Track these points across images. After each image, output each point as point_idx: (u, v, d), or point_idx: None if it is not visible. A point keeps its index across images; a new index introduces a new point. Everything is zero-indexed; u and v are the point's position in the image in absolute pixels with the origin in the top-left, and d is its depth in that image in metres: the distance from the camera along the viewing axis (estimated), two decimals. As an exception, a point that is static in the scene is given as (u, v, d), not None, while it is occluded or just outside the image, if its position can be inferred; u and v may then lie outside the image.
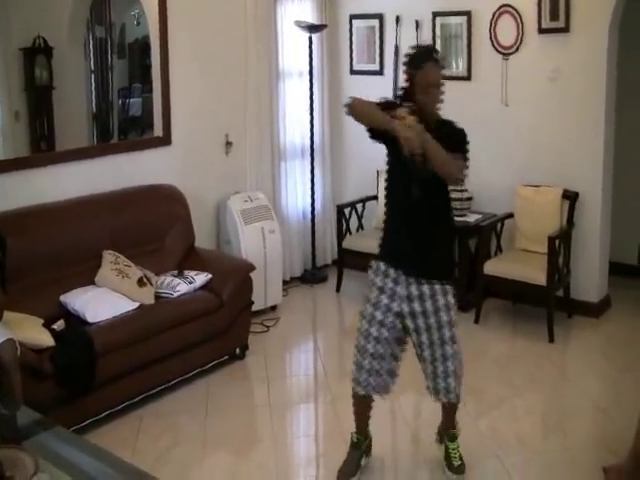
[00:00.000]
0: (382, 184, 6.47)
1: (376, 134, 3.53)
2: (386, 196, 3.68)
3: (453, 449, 3.84)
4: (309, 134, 6.59)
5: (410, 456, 4.12)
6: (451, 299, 3.58)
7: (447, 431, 3.87)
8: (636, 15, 6.00)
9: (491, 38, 5.96)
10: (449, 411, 3.81)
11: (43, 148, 5.28)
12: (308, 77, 6.51)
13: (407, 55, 3.55)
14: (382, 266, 3.64)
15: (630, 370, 4.89)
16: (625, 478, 3.63)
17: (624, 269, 6.41)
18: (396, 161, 3.52)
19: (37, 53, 5.16)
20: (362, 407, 3.83)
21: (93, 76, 5.59)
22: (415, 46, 3.62)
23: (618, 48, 5.60)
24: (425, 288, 3.53)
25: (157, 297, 4.74)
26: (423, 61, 3.44)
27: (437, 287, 3.54)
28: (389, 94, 6.52)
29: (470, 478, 3.83)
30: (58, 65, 5.24)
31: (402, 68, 3.56)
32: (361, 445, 3.88)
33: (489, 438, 4.17)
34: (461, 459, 3.83)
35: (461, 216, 5.93)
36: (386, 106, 3.49)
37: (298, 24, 6.33)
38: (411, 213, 3.54)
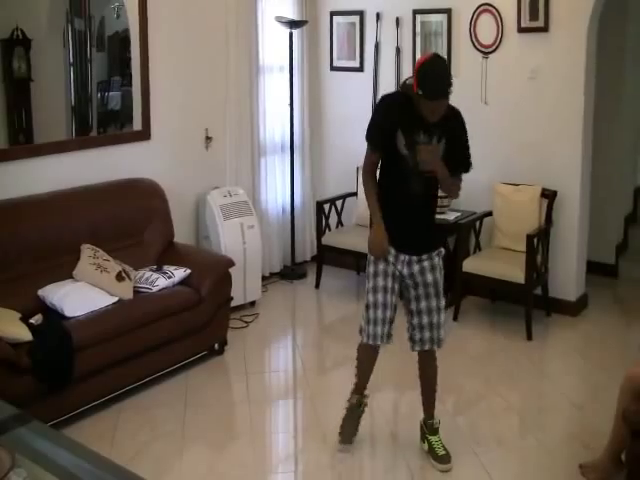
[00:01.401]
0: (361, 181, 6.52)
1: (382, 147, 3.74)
2: (383, 186, 3.81)
3: (436, 441, 3.95)
4: (289, 130, 6.58)
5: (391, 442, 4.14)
6: (441, 261, 3.86)
7: (427, 423, 4.00)
8: (614, 15, 6.06)
9: (471, 36, 5.98)
10: (430, 367, 3.98)
11: (21, 141, 5.21)
12: (288, 72, 6.50)
13: (424, 72, 3.46)
14: (380, 264, 3.80)
15: (606, 368, 4.93)
16: (601, 474, 3.67)
17: (601, 268, 6.47)
18: (395, 161, 3.68)
19: (15, 45, 5.09)
20: (368, 359, 3.99)
21: (72, 69, 5.53)
22: (434, 64, 3.53)
23: (597, 47, 5.64)
24: (424, 257, 3.80)
25: (136, 292, 4.71)
26: (437, 95, 3.44)
27: (433, 253, 3.82)
28: (369, 91, 6.56)
29: (447, 475, 3.85)
30: (37, 57, 5.18)
31: (413, 77, 3.52)
32: (360, 405, 4.05)
33: (467, 435, 4.19)
34: (445, 449, 3.92)
35: (440, 214, 5.93)
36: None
37: (279, 19, 6.32)
38: (410, 202, 3.72)
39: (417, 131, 3.58)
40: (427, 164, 3.56)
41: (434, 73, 3.48)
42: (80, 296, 4.44)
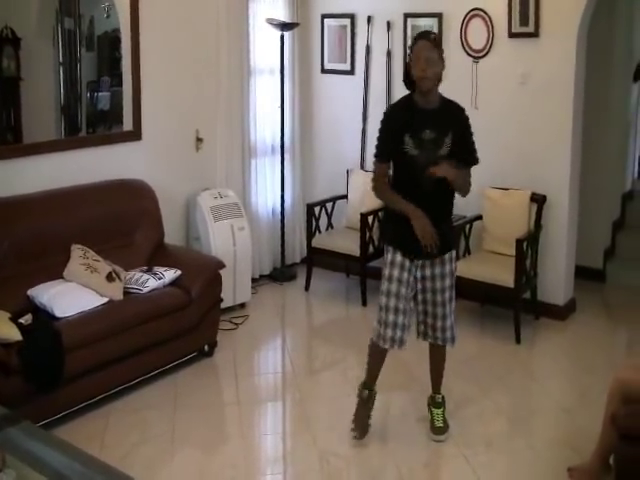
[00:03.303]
0: (352, 184, 6.55)
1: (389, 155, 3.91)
2: (394, 187, 3.92)
3: (437, 414, 4.18)
4: (279, 132, 6.58)
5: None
6: (454, 265, 4.02)
7: (433, 396, 4.22)
8: (603, 21, 6.10)
9: (462, 41, 6.00)
10: (439, 356, 4.21)
11: (10, 140, 5.20)
12: (279, 75, 6.50)
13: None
14: (398, 255, 3.92)
15: (594, 372, 4.96)
16: (590, 477, 3.69)
17: (589, 273, 6.49)
18: (406, 165, 3.84)
19: (4, 43, 5.08)
20: (379, 359, 4.09)
21: (62, 68, 5.52)
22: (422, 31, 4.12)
23: (586, 53, 5.67)
24: (437, 261, 3.93)
25: (126, 292, 4.70)
26: (416, 39, 3.82)
27: (446, 256, 3.95)
28: (359, 94, 6.57)
29: (437, 479, 3.86)
30: (26, 56, 5.16)
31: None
32: (370, 399, 4.14)
33: (456, 438, 4.19)
34: (444, 422, 4.16)
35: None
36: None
37: (270, 22, 6.32)
38: (425, 203, 3.79)
39: (423, 129, 3.76)
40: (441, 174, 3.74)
41: (421, 31, 4.24)
42: (70, 296, 4.43)
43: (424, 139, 3.75)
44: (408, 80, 3.86)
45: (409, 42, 6.25)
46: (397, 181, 3.93)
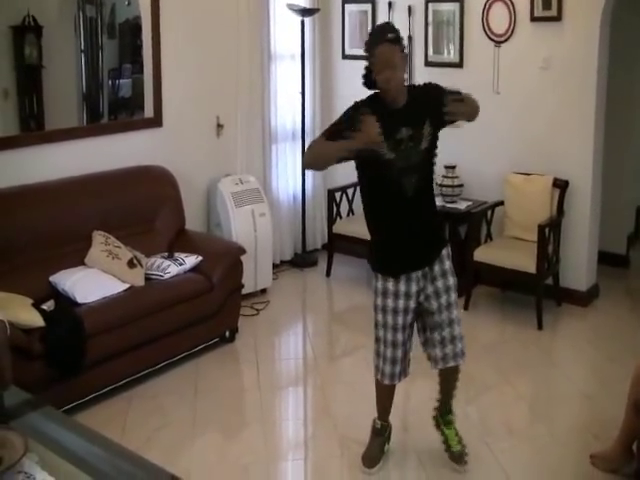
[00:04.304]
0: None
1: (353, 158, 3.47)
2: (370, 209, 3.61)
3: (451, 436, 3.86)
4: (300, 117, 6.56)
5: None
6: (450, 264, 3.61)
7: (444, 418, 3.90)
8: (628, 6, 6.01)
9: (483, 26, 5.95)
10: (451, 381, 3.81)
11: (32, 127, 5.23)
12: (300, 60, 6.48)
13: (368, 35, 3.51)
14: (387, 281, 3.57)
15: (616, 358, 4.92)
16: (612, 464, 3.67)
17: (612, 258, 6.44)
18: (381, 172, 3.45)
19: (27, 31, 5.10)
20: (386, 394, 3.83)
21: (83, 56, 5.54)
22: (375, 26, 3.52)
23: (610, 40, 5.60)
24: (427, 270, 3.56)
25: (147, 279, 4.73)
26: (375, 44, 3.37)
27: (443, 253, 3.58)
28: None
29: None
30: (48, 44, 5.19)
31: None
32: (384, 431, 3.91)
33: (478, 424, 4.19)
34: (460, 442, 3.84)
35: (451, 203, 5.96)
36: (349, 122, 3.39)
37: (291, 7, 6.29)
38: (407, 211, 3.50)
39: (397, 129, 3.39)
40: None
41: (372, 30, 3.66)
42: (92, 283, 4.46)
43: (401, 139, 3.37)
44: (369, 82, 3.47)
45: (430, 28, 6.23)
46: (373, 192, 3.54)
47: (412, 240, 3.52)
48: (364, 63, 3.52)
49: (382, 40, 3.35)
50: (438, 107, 3.36)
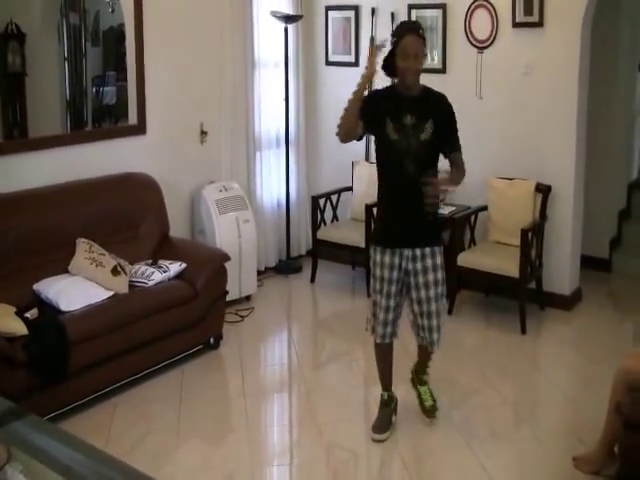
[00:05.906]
0: (357, 176, 6.56)
1: (367, 129, 3.91)
2: (379, 186, 3.99)
3: (424, 391, 4.25)
4: (284, 124, 6.58)
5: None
6: (440, 260, 3.95)
7: (419, 376, 4.27)
8: (608, 11, 6.07)
9: (466, 31, 5.99)
10: (426, 355, 4.21)
11: (16, 135, 5.22)
12: (284, 67, 6.50)
13: (396, 26, 4.05)
14: (383, 254, 3.94)
15: (599, 362, 4.95)
16: (595, 466, 3.70)
17: (595, 263, 6.49)
18: (386, 151, 3.87)
19: (10, 39, 5.09)
20: (381, 356, 4.16)
21: (67, 63, 5.52)
22: (403, 21, 4.06)
23: (591, 43, 5.65)
24: (418, 252, 3.89)
25: (131, 286, 4.72)
26: (404, 32, 3.79)
27: (427, 250, 3.90)
28: (365, 85, 6.55)
29: (442, 469, 3.88)
30: (31, 52, 5.17)
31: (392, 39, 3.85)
32: (390, 402, 4.19)
33: (462, 428, 4.20)
34: (432, 399, 4.25)
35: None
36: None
37: (274, 14, 6.31)
38: (405, 192, 3.85)
39: (404, 114, 3.78)
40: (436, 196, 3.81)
41: (403, 22, 4.39)
42: (75, 290, 4.45)
43: (405, 124, 3.77)
44: (388, 67, 3.86)
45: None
46: (381, 170, 3.96)
47: (404, 219, 3.89)
48: (348, 69, 3.74)
49: (412, 31, 3.79)
50: (442, 121, 3.83)
